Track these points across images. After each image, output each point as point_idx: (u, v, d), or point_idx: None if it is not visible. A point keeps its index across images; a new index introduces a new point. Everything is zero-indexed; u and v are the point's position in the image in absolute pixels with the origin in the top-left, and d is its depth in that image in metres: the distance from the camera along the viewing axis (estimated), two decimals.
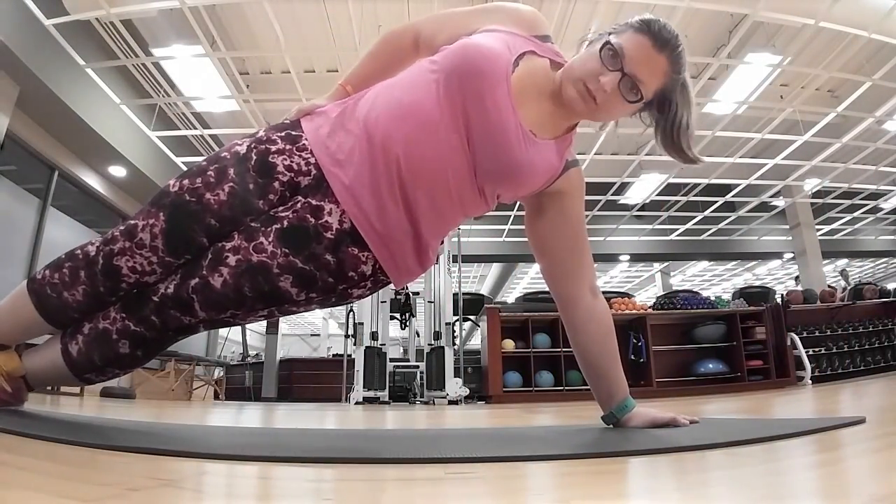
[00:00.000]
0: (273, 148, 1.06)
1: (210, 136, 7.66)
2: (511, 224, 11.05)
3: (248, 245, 0.99)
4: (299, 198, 1.03)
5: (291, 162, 1.04)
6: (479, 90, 1.02)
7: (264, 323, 10.66)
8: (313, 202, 1.02)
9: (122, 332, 1.04)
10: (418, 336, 7.51)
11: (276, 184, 1.03)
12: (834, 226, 11.70)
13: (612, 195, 9.65)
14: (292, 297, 1.03)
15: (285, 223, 1.00)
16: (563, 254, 1.22)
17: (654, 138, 1.14)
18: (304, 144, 1.07)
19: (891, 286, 8.03)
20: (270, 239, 0.99)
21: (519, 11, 1.18)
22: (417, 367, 6.79)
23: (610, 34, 1.07)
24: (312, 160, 1.05)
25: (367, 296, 1.15)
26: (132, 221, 1.04)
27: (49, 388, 4.28)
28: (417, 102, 1.03)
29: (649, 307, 6.60)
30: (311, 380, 9.21)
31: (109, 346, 1.05)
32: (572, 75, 1.06)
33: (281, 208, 1.02)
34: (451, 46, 1.08)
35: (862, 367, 6.33)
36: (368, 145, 1.02)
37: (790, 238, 11.04)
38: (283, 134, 1.08)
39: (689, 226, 11.41)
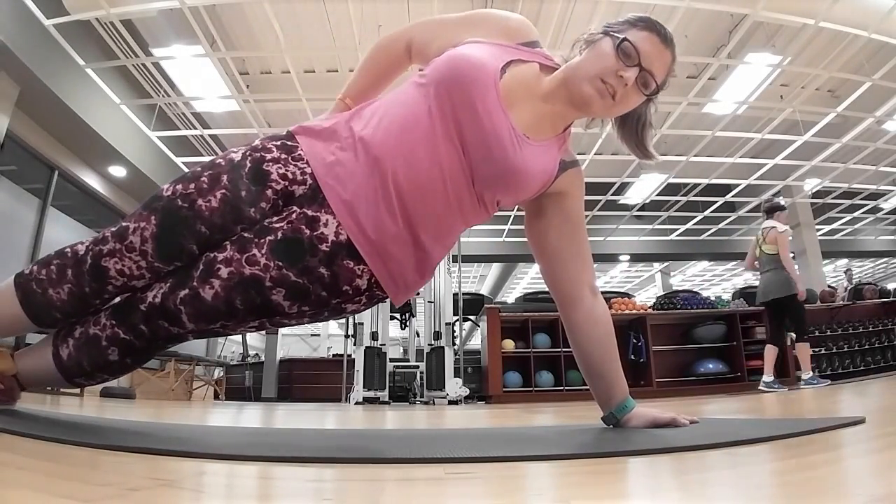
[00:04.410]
0: (268, 156, 1.05)
1: (210, 136, 7.67)
2: (511, 224, 11.05)
3: (240, 257, 0.98)
4: (294, 208, 1.02)
5: (286, 171, 1.04)
6: (469, 97, 1.02)
7: None
8: (309, 213, 1.01)
9: (112, 340, 1.03)
10: (418, 336, 7.51)
11: (269, 192, 1.02)
12: (834, 226, 11.70)
13: (612, 195, 9.65)
14: (284, 311, 1.02)
15: (279, 235, 0.99)
16: (562, 254, 1.22)
17: (616, 129, 1.20)
18: (299, 154, 1.06)
19: (891, 286, 8.03)
20: (264, 251, 0.98)
21: (507, 20, 1.19)
22: (417, 367, 6.79)
23: (609, 32, 1.09)
24: (308, 170, 1.04)
25: (361, 311, 1.15)
26: (124, 224, 1.03)
27: (49, 388, 4.28)
28: (410, 115, 1.04)
29: (649, 307, 6.61)
30: (311, 380, 9.21)
31: (99, 352, 1.04)
32: (588, 73, 1.07)
33: (275, 219, 1.01)
34: (438, 59, 1.09)
35: (862, 367, 6.34)
36: (365, 160, 1.02)
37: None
38: (278, 143, 1.08)
39: (689, 226, 11.41)
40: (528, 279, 16.68)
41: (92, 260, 1.02)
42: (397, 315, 7.05)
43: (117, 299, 1.08)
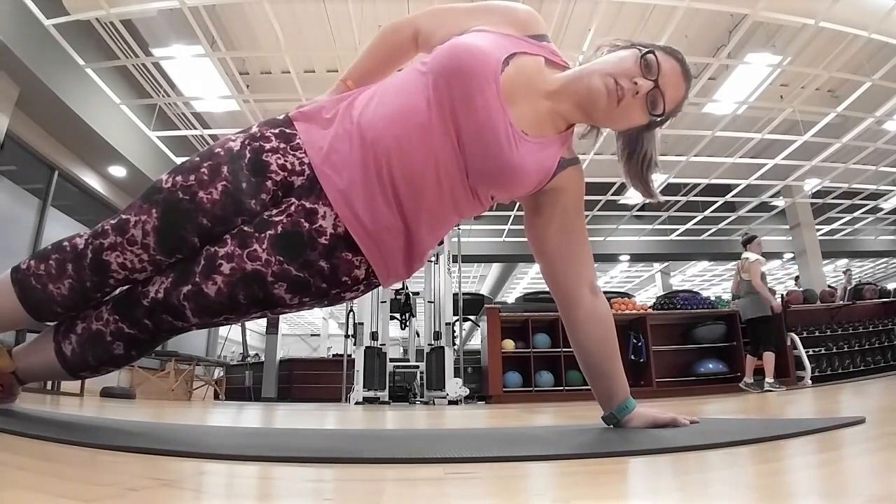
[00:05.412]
0: (267, 146, 1.05)
1: (210, 136, 7.66)
2: (511, 224, 11.05)
3: (241, 252, 0.98)
4: (293, 200, 1.02)
5: (285, 161, 1.04)
6: (468, 90, 1.01)
7: (264, 323, 10.69)
8: (307, 205, 1.01)
9: (116, 334, 1.04)
10: (418, 336, 7.51)
11: (269, 183, 1.03)
12: (834, 226, 11.70)
13: (612, 195, 9.65)
14: (286, 303, 1.04)
15: (279, 229, 0.99)
16: (562, 253, 1.21)
17: (622, 163, 1.22)
18: (297, 143, 1.06)
19: (891, 286, 8.03)
20: (264, 246, 0.98)
21: (515, 11, 1.18)
22: (417, 367, 6.79)
23: (635, 45, 1.10)
24: (306, 160, 1.04)
25: (359, 296, 1.17)
26: (124, 216, 1.02)
27: (49, 388, 4.28)
28: (409, 104, 1.03)
29: (649, 307, 6.61)
30: (311, 380, 9.21)
31: (104, 347, 1.04)
32: (603, 70, 1.07)
33: (275, 212, 1.01)
34: (440, 47, 1.08)
35: (862, 367, 6.34)
36: (361, 146, 1.02)
37: (790, 238, 11.05)
38: (276, 131, 1.07)
39: (689, 226, 11.41)
40: (528, 279, 16.68)
41: (93, 254, 1.02)
42: (397, 315, 7.04)
43: (117, 292, 1.08)
